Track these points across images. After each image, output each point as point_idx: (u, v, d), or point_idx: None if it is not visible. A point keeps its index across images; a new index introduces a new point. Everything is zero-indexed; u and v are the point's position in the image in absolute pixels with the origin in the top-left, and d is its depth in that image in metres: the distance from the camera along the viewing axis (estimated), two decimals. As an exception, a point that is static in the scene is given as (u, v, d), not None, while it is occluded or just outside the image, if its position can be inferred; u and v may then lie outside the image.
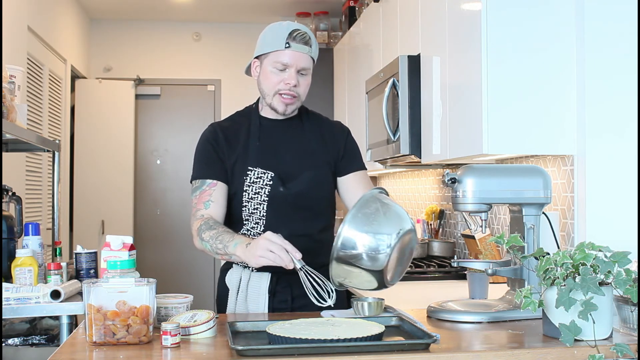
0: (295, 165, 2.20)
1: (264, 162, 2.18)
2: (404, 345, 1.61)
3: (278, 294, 2.19)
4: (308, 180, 2.19)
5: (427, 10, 2.91)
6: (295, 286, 2.14)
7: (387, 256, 1.82)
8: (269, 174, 2.16)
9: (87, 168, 5.96)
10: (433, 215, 3.68)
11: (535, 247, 2.01)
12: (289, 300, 2.19)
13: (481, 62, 2.25)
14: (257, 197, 2.16)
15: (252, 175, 2.16)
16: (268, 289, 2.17)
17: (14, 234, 2.81)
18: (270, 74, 2.15)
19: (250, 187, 2.16)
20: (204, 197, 2.16)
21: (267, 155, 2.19)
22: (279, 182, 2.16)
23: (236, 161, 2.18)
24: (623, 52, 2.20)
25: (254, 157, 2.18)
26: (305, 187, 2.18)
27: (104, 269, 2.00)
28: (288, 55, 2.12)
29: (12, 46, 3.96)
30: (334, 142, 2.28)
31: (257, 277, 2.18)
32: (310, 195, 2.19)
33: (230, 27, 6.37)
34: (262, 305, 2.16)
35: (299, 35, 2.12)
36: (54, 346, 2.70)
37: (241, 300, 2.18)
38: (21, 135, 2.87)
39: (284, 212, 2.16)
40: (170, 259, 6.30)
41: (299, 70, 2.14)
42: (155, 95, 6.37)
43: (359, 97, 4.13)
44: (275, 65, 2.13)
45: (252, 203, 2.16)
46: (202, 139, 2.27)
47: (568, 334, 1.63)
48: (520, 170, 2.11)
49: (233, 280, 2.21)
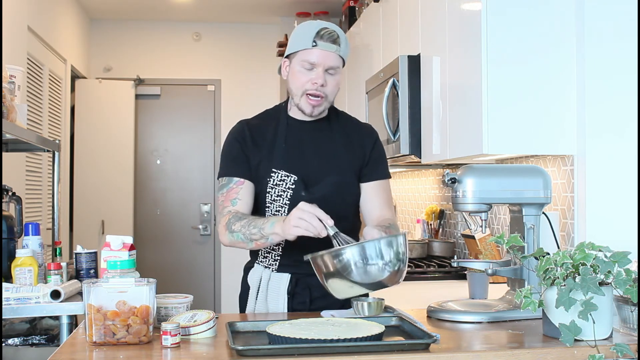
0: (320, 169, 2.17)
1: (289, 165, 2.15)
2: (404, 345, 1.61)
3: (297, 296, 2.18)
4: (332, 186, 2.16)
5: (427, 10, 2.91)
6: (314, 288, 2.14)
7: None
8: (292, 177, 2.14)
9: (87, 168, 5.96)
10: (433, 215, 3.68)
11: (535, 247, 2.01)
12: (307, 302, 2.18)
13: (481, 62, 2.25)
14: (280, 199, 2.14)
15: (275, 177, 2.14)
16: (287, 290, 2.16)
17: (14, 234, 2.81)
18: (298, 73, 2.12)
19: (273, 189, 2.15)
20: (231, 194, 2.15)
21: (292, 158, 2.16)
22: (302, 186, 2.13)
23: (261, 161, 2.16)
24: (623, 52, 2.20)
25: (279, 159, 2.15)
26: (328, 193, 2.15)
27: (104, 269, 2.00)
28: (315, 54, 2.09)
29: (12, 46, 3.96)
30: (361, 147, 2.24)
31: (277, 278, 2.17)
32: (334, 201, 2.13)
33: (230, 27, 6.37)
34: (282, 306, 2.16)
35: (327, 34, 2.09)
36: (54, 346, 2.70)
37: (261, 300, 2.18)
38: (21, 135, 2.87)
39: None
40: (170, 259, 6.30)
41: (326, 69, 2.10)
42: (155, 95, 6.37)
43: (359, 97, 4.13)
44: (302, 64, 2.11)
45: (275, 205, 2.15)
46: (230, 136, 2.24)
47: (568, 334, 1.63)
48: (520, 170, 2.11)
49: (254, 280, 2.21)
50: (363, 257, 1.79)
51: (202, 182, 6.32)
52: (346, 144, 2.22)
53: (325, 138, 2.21)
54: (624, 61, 2.20)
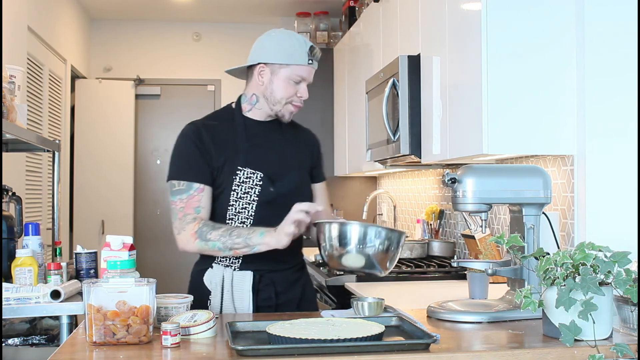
0: (281, 166, 2.26)
1: (253, 163, 2.21)
2: (404, 345, 1.61)
3: (261, 292, 2.21)
4: (294, 181, 2.26)
5: (427, 10, 2.91)
6: (278, 283, 2.24)
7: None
8: (258, 174, 2.19)
9: (87, 168, 5.96)
10: (433, 215, 3.68)
11: (535, 247, 2.01)
12: (273, 297, 2.23)
13: (481, 62, 2.25)
14: (246, 196, 2.19)
15: (241, 175, 2.19)
16: (252, 287, 2.19)
17: (14, 234, 2.81)
18: (286, 85, 2.22)
19: (239, 186, 2.19)
20: (193, 202, 2.18)
21: (255, 156, 2.22)
22: (269, 182, 2.20)
23: (225, 161, 2.19)
24: (623, 52, 2.20)
25: (244, 157, 2.20)
26: (292, 187, 2.25)
27: (104, 269, 2.00)
28: (307, 71, 2.22)
29: (12, 46, 3.96)
30: (309, 147, 2.40)
31: (239, 276, 2.20)
32: (297, 196, 2.21)
33: (230, 27, 6.37)
34: (247, 304, 2.19)
35: (317, 53, 2.24)
36: (54, 346, 2.71)
37: (228, 300, 2.19)
38: (21, 135, 2.87)
39: (272, 212, 2.16)
40: (170, 259, 6.29)
41: (308, 83, 2.26)
42: (155, 95, 6.37)
43: (359, 97, 4.13)
44: (294, 77, 2.21)
45: (241, 202, 2.19)
46: (184, 138, 2.24)
47: (568, 334, 1.63)
48: (520, 170, 2.11)
49: (215, 280, 2.22)
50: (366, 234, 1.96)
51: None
52: (297, 145, 2.36)
53: (279, 138, 2.31)
54: (624, 61, 2.20)
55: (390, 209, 4.62)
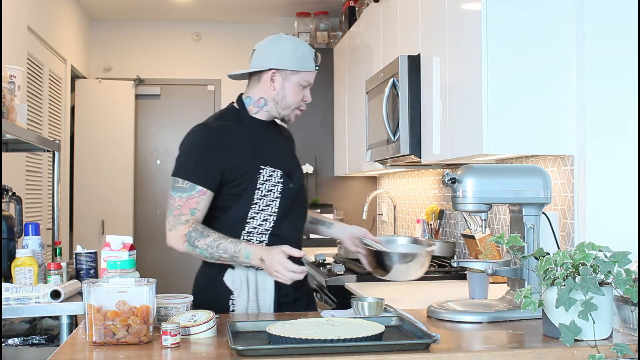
0: (290, 162, 2.36)
1: (271, 161, 2.27)
2: (404, 345, 1.61)
3: (282, 289, 2.27)
4: (302, 177, 2.39)
5: (427, 10, 2.91)
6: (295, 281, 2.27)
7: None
8: (278, 171, 2.26)
9: (87, 168, 5.96)
10: (433, 215, 3.68)
11: (535, 247, 2.01)
12: (290, 293, 2.29)
13: (481, 62, 2.25)
14: (270, 194, 2.24)
15: (264, 173, 2.24)
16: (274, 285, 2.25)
17: (14, 234, 2.81)
18: (296, 91, 2.29)
19: (263, 184, 2.23)
20: (192, 203, 2.18)
21: (271, 155, 2.29)
22: (288, 179, 2.28)
23: (245, 161, 2.21)
24: (623, 52, 2.20)
25: (262, 156, 2.25)
26: (303, 182, 2.38)
27: (104, 269, 2.00)
28: (313, 76, 2.33)
29: (12, 46, 3.96)
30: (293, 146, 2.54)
31: (263, 275, 2.24)
32: (304, 190, 2.40)
33: (230, 27, 6.37)
34: (269, 301, 2.24)
35: (318, 57, 2.33)
36: (54, 346, 2.70)
37: (252, 298, 2.24)
38: (21, 135, 2.87)
39: (290, 208, 2.29)
40: (170, 259, 6.29)
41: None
42: (155, 95, 6.37)
43: (359, 97, 4.13)
44: (302, 83, 2.29)
45: (264, 200, 2.24)
46: (197, 138, 2.23)
47: (568, 334, 1.63)
48: (520, 170, 2.11)
49: (238, 280, 2.23)
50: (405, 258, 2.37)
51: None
52: (289, 143, 2.49)
53: (279, 137, 2.41)
54: (624, 61, 2.20)
55: (390, 209, 4.62)
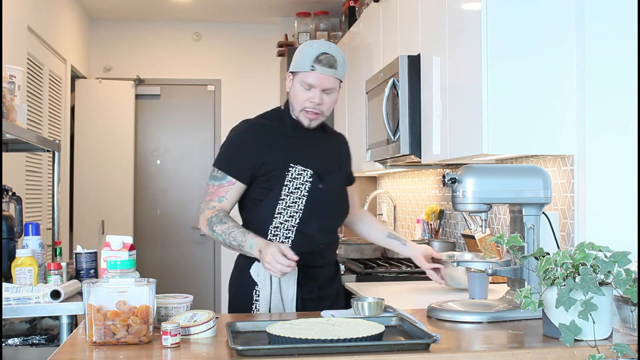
0: (327, 165, 2.40)
1: (303, 160, 2.33)
2: (404, 345, 1.61)
3: (305, 285, 2.32)
4: (339, 180, 2.43)
5: (427, 10, 2.91)
6: (319, 278, 2.37)
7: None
8: (308, 171, 2.32)
9: (87, 168, 5.95)
10: (433, 215, 3.68)
11: (535, 247, 2.01)
12: (315, 290, 2.35)
13: (481, 62, 2.25)
14: (297, 192, 2.31)
15: (293, 171, 2.31)
16: (297, 280, 2.30)
17: (14, 234, 2.81)
18: (299, 92, 2.33)
19: (291, 182, 2.31)
20: (221, 191, 2.33)
21: (305, 154, 2.35)
22: (318, 179, 2.33)
23: (276, 158, 2.32)
24: (623, 52, 2.20)
25: (295, 155, 2.33)
26: (337, 185, 2.41)
27: (104, 269, 2.00)
28: (313, 77, 2.29)
29: (12, 46, 3.96)
30: (345, 152, 2.58)
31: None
32: (339, 194, 2.43)
33: (230, 27, 6.37)
34: (292, 296, 2.30)
35: (325, 59, 2.29)
36: (54, 346, 2.70)
37: (276, 291, 2.29)
38: (21, 135, 2.87)
39: (319, 208, 2.33)
40: (170, 259, 6.30)
41: (323, 89, 2.31)
42: (155, 95, 6.37)
43: (359, 97, 4.13)
44: (302, 84, 2.31)
45: (291, 197, 2.30)
46: (238, 133, 2.39)
47: (568, 334, 1.63)
48: (520, 170, 2.11)
49: (262, 272, 2.29)
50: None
51: (202, 182, 6.31)
52: (336, 147, 2.52)
53: (322, 140, 2.46)
54: (624, 61, 2.20)
55: (390, 209, 4.62)
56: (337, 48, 2.35)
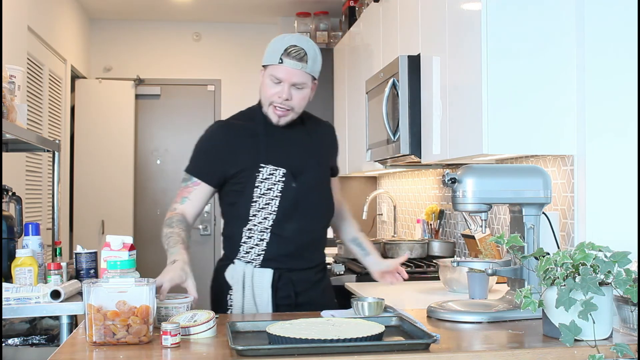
0: (302, 162, 2.29)
1: (275, 160, 2.25)
2: (404, 345, 1.61)
3: (280, 290, 2.23)
4: (315, 177, 2.31)
5: (427, 10, 2.91)
6: (297, 282, 2.26)
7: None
8: (280, 170, 2.24)
9: (87, 168, 5.95)
10: (433, 215, 3.68)
11: (535, 247, 2.01)
12: (292, 296, 2.25)
13: (481, 62, 2.25)
14: (270, 192, 2.23)
15: (264, 172, 2.23)
16: (271, 285, 2.22)
17: (14, 234, 2.81)
18: (267, 86, 2.26)
19: (262, 183, 2.23)
20: (184, 192, 2.30)
21: (277, 153, 2.27)
22: (291, 178, 2.24)
23: (245, 159, 2.25)
24: (623, 52, 2.20)
25: (265, 155, 2.25)
26: (313, 183, 2.29)
27: (104, 269, 2.00)
28: (281, 70, 2.22)
29: (12, 46, 3.96)
30: (330, 145, 2.45)
31: (259, 273, 2.23)
32: (318, 191, 2.31)
33: (230, 27, 6.37)
34: (266, 301, 2.21)
35: (294, 52, 2.21)
36: (54, 346, 2.70)
37: (249, 295, 2.22)
38: (21, 135, 2.87)
39: (294, 207, 2.24)
40: (170, 259, 6.28)
41: (292, 84, 2.23)
42: (155, 95, 6.37)
43: (359, 97, 4.13)
44: (271, 78, 2.25)
45: (264, 199, 2.23)
46: (207, 135, 2.36)
47: (568, 334, 1.63)
48: (520, 170, 2.11)
49: (236, 276, 2.24)
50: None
51: (202, 182, 6.31)
52: (318, 140, 2.39)
53: (300, 135, 2.35)
54: (624, 61, 2.20)
55: (390, 209, 4.62)
56: (310, 42, 2.26)
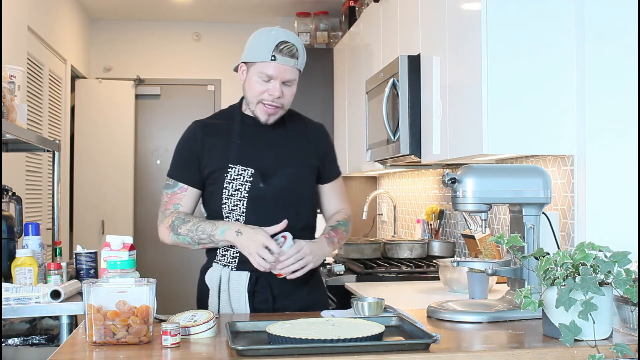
0: (276, 162, 2.22)
1: (245, 160, 2.20)
2: (404, 345, 1.61)
3: (258, 294, 2.20)
4: (288, 177, 2.21)
5: (427, 10, 2.91)
6: (274, 286, 2.20)
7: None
8: (249, 170, 2.18)
9: (87, 168, 5.95)
10: (433, 215, 3.68)
11: (535, 247, 2.01)
12: (269, 299, 2.20)
13: (481, 62, 2.25)
14: (237, 193, 2.18)
15: (232, 172, 2.19)
16: (247, 288, 2.18)
17: (14, 234, 2.81)
18: (255, 83, 2.18)
19: (230, 184, 2.18)
20: (175, 199, 2.25)
21: (248, 153, 2.21)
22: (259, 178, 2.18)
23: (217, 159, 2.21)
24: (623, 52, 2.20)
25: (235, 155, 2.20)
26: (285, 184, 2.20)
27: (104, 269, 2.00)
28: (273, 67, 2.14)
29: (12, 46, 3.96)
30: (314, 144, 2.32)
31: (236, 276, 2.19)
32: (291, 192, 2.21)
33: (230, 27, 6.37)
34: (243, 305, 2.18)
35: (286, 48, 2.13)
36: (54, 346, 2.70)
37: (225, 299, 2.19)
38: (21, 135, 2.87)
39: (264, 209, 2.18)
40: (170, 259, 6.29)
41: (283, 81, 2.16)
42: (155, 95, 6.37)
43: (359, 97, 4.13)
44: (260, 75, 2.16)
45: (232, 200, 2.18)
46: (184, 137, 2.30)
47: (568, 334, 1.63)
48: (520, 170, 2.11)
49: (213, 280, 2.22)
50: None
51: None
52: (299, 140, 2.29)
53: (279, 134, 2.27)
54: (624, 61, 2.20)
55: (390, 209, 4.62)
56: (296, 36, 2.19)
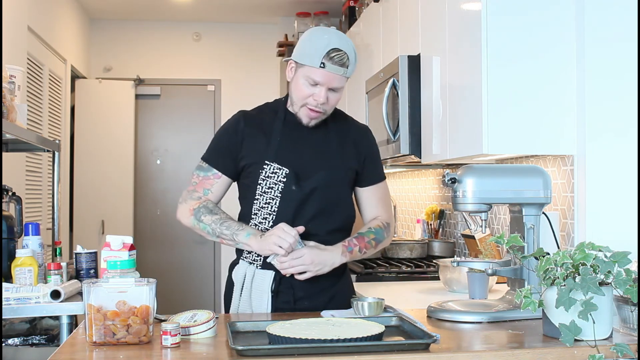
0: (312, 164, 2.18)
1: (281, 158, 2.16)
2: (404, 345, 1.61)
3: (281, 294, 2.18)
4: (322, 180, 2.17)
5: (427, 10, 2.91)
6: (297, 288, 2.17)
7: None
8: (284, 170, 2.14)
9: (87, 168, 5.96)
10: (433, 215, 3.68)
11: (535, 247, 2.01)
12: (291, 301, 2.18)
13: (481, 62, 2.25)
14: (270, 192, 2.16)
15: (267, 169, 2.16)
16: (271, 288, 2.16)
17: (14, 234, 2.81)
18: (302, 86, 2.12)
19: (264, 181, 2.16)
20: (206, 184, 2.23)
21: (286, 151, 2.17)
22: (293, 180, 2.14)
23: (254, 154, 2.18)
24: (623, 52, 2.20)
25: (272, 152, 2.17)
26: (317, 186, 2.16)
27: (104, 269, 2.00)
28: (321, 74, 2.09)
29: (12, 46, 3.96)
30: (355, 146, 2.26)
31: (260, 275, 2.18)
32: (322, 195, 2.17)
33: (230, 27, 6.37)
34: (265, 304, 2.16)
35: (337, 57, 2.07)
36: (54, 346, 2.70)
37: (245, 297, 2.18)
38: (21, 135, 2.87)
39: (295, 210, 2.15)
40: (170, 259, 6.29)
41: (330, 88, 2.12)
42: (155, 95, 6.37)
43: (359, 97, 4.13)
44: (307, 79, 2.11)
45: (265, 197, 2.16)
46: (227, 125, 2.27)
47: (568, 334, 1.63)
48: (520, 170, 2.11)
49: (238, 276, 2.22)
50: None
51: (202, 182, 6.30)
52: (341, 142, 2.24)
53: (320, 134, 2.22)
54: (624, 61, 2.20)
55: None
56: (349, 43, 2.11)
